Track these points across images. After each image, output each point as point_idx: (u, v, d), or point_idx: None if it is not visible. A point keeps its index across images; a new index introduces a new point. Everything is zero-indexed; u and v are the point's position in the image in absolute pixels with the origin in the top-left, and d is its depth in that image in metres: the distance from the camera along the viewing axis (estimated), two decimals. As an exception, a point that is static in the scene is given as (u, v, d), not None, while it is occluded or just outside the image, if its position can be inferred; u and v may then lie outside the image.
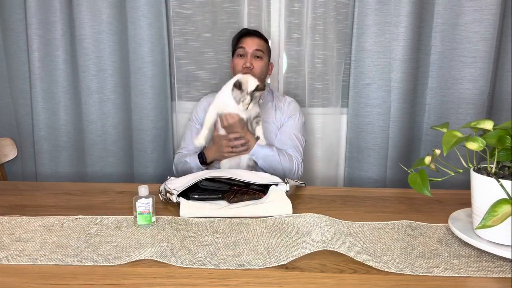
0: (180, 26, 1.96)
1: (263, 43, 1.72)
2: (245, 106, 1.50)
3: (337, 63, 1.94)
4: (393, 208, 1.28)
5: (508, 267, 0.91)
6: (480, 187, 0.97)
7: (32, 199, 1.35)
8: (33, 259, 0.94)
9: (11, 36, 1.92)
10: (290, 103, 1.77)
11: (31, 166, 2.03)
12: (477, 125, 0.99)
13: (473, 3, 1.74)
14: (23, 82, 1.96)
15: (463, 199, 1.20)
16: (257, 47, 1.69)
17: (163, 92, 1.96)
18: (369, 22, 1.81)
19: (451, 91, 1.85)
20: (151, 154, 2.00)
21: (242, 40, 1.71)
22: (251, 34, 1.71)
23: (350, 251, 0.96)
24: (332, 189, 1.61)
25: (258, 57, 1.69)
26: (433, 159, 1.03)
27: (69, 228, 1.11)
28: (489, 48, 1.77)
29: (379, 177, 1.94)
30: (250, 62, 1.67)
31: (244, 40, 1.70)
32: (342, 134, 2.02)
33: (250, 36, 1.71)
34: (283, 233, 1.07)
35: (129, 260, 0.93)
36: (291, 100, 1.80)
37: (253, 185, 1.33)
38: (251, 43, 1.69)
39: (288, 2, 1.92)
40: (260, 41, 1.71)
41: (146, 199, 1.10)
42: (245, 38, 1.70)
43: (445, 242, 1.03)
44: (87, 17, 1.85)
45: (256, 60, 1.68)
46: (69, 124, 1.96)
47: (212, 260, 0.94)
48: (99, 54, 1.89)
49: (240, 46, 1.70)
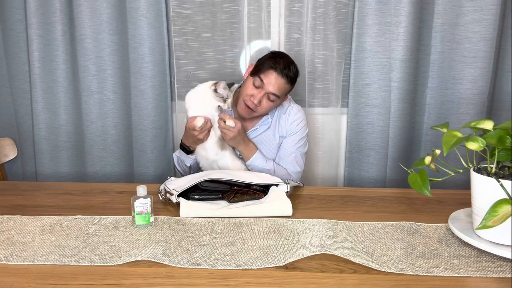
0: (180, 26, 1.96)
1: (287, 86, 1.53)
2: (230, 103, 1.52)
3: (337, 63, 1.94)
4: (393, 208, 1.28)
5: (508, 267, 0.90)
6: (480, 187, 0.97)
7: (32, 199, 1.35)
8: (31, 259, 0.94)
9: (11, 36, 1.92)
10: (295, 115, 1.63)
11: (31, 166, 2.03)
12: (477, 125, 0.99)
13: (473, 3, 1.74)
14: (23, 82, 1.96)
15: (463, 199, 1.20)
16: (276, 91, 1.50)
17: (163, 92, 1.96)
18: (369, 22, 1.81)
19: (451, 91, 1.85)
20: (151, 154, 1.99)
21: (268, 72, 1.49)
22: (280, 72, 1.49)
23: (350, 253, 0.96)
24: (332, 189, 1.61)
25: (271, 100, 1.53)
26: (433, 159, 1.03)
27: (68, 228, 1.11)
28: (489, 48, 1.76)
29: (379, 177, 1.94)
30: (260, 100, 1.50)
31: (269, 73, 1.49)
32: (342, 134, 2.02)
33: (278, 74, 1.49)
34: (281, 235, 1.07)
35: (127, 260, 0.93)
36: (297, 111, 1.64)
37: (253, 185, 1.33)
38: (273, 83, 1.49)
39: (288, 2, 1.91)
40: (285, 84, 1.51)
41: (144, 199, 1.10)
42: (272, 73, 1.49)
43: (445, 242, 1.03)
44: (87, 17, 1.84)
45: (267, 100, 1.52)
46: (69, 124, 1.96)
47: (210, 260, 0.94)
48: (99, 54, 1.89)
49: (262, 78, 1.50)
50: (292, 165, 1.61)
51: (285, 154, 1.62)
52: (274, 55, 1.55)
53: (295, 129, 1.62)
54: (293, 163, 1.61)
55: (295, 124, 1.62)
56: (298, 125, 1.63)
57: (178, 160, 1.67)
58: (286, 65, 1.51)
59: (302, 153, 1.64)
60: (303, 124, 1.64)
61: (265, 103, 1.52)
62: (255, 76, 1.51)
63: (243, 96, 1.53)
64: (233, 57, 1.98)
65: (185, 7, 1.94)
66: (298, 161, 1.63)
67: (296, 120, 1.63)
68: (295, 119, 1.63)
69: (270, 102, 1.53)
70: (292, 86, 1.56)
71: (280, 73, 1.49)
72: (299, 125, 1.63)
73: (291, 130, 1.62)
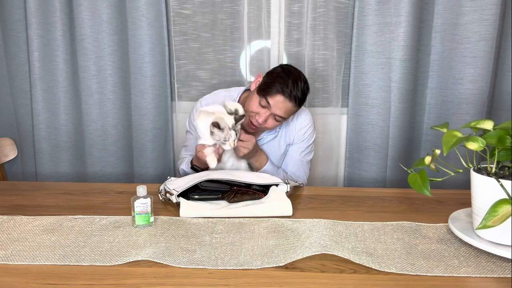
0: (180, 26, 1.96)
1: (294, 109, 1.46)
2: (232, 143, 1.35)
3: (337, 63, 1.94)
4: (393, 208, 1.27)
5: (508, 267, 0.90)
6: (480, 187, 0.97)
7: (32, 199, 1.35)
8: (31, 259, 0.94)
9: (11, 36, 1.92)
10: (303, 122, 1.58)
11: (31, 166, 2.03)
12: (477, 125, 0.99)
13: (473, 3, 1.74)
14: (23, 82, 1.96)
15: (463, 199, 1.20)
16: (283, 114, 1.43)
17: (163, 92, 1.96)
18: (369, 22, 1.81)
19: (451, 91, 1.85)
20: (151, 154, 2.00)
21: (276, 96, 1.40)
22: (288, 96, 1.40)
23: (350, 253, 0.96)
24: (332, 189, 1.61)
25: (277, 120, 1.46)
26: (433, 159, 1.03)
27: (68, 228, 1.10)
28: (489, 48, 1.76)
29: (379, 177, 1.94)
30: (265, 120, 1.44)
31: (277, 97, 1.40)
32: (342, 134, 2.02)
33: (286, 98, 1.40)
34: (281, 236, 1.07)
35: (127, 260, 0.93)
36: (305, 116, 1.59)
37: (253, 185, 1.33)
38: (281, 107, 1.41)
39: (288, 2, 1.91)
40: (293, 108, 1.44)
41: (144, 199, 1.10)
42: (280, 97, 1.40)
43: (445, 242, 1.03)
44: (87, 17, 1.84)
45: (273, 120, 1.46)
46: (69, 124, 1.96)
47: (210, 260, 0.94)
48: (99, 54, 1.89)
49: (269, 100, 1.41)
50: (297, 173, 1.60)
51: (291, 162, 1.60)
52: (283, 72, 1.44)
53: (302, 137, 1.59)
54: (299, 171, 1.60)
55: (303, 132, 1.58)
56: (305, 133, 1.59)
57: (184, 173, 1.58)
58: (294, 85, 1.41)
59: (307, 160, 1.63)
60: (310, 130, 1.60)
61: (270, 122, 1.46)
62: (262, 97, 1.43)
63: (249, 112, 1.46)
64: (233, 57, 1.98)
65: (185, 7, 1.94)
66: (304, 168, 1.62)
67: (304, 127, 1.58)
68: (303, 126, 1.58)
69: (276, 122, 1.47)
70: (301, 106, 1.48)
71: (288, 97, 1.40)
72: (307, 133, 1.59)
73: (298, 138, 1.59)
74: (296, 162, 1.60)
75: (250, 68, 1.97)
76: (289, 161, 1.61)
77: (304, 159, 1.61)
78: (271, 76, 1.45)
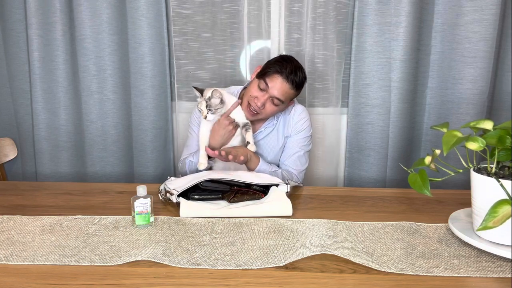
0: (180, 26, 1.96)
1: (292, 92, 1.50)
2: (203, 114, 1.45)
3: (337, 63, 1.94)
4: (393, 208, 1.28)
5: (508, 267, 0.90)
6: (480, 187, 0.97)
7: (32, 199, 1.35)
8: (31, 259, 0.94)
9: (11, 36, 1.92)
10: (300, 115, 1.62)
11: (31, 166, 2.03)
12: (477, 125, 0.99)
13: (473, 3, 1.74)
14: (23, 82, 1.96)
15: (463, 199, 1.20)
16: (280, 95, 1.48)
17: (163, 92, 1.96)
18: (369, 22, 1.81)
19: (451, 91, 1.85)
20: (151, 154, 1.99)
21: (274, 76, 1.47)
22: (286, 77, 1.47)
23: (350, 253, 0.96)
24: (332, 189, 1.61)
25: (275, 104, 1.51)
26: (433, 159, 1.03)
27: (67, 228, 1.11)
28: (489, 48, 1.76)
29: (379, 177, 1.94)
30: (263, 103, 1.49)
31: (274, 78, 1.47)
32: (342, 134, 2.02)
33: (284, 79, 1.47)
34: (281, 236, 1.07)
35: (127, 260, 0.93)
36: (302, 111, 1.64)
37: (253, 186, 1.33)
38: (278, 88, 1.47)
39: (288, 2, 1.91)
40: (290, 90, 1.49)
41: (144, 199, 1.10)
42: (278, 77, 1.47)
43: (445, 242, 1.03)
44: (87, 17, 1.84)
45: (271, 104, 1.50)
46: (69, 124, 1.96)
47: (210, 260, 0.94)
48: (99, 54, 1.89)
49: (267, 81, 1.48)
50: (295, 164, 1.62)
51: (289, 153, 1.63)
52: (282, 59, 1.52)
53: (300, 128, 1.62)
54: (296, 162, 1.62)
55: (300, 123, 1.62)
56: (303, 125, 1.63)
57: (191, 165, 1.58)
58: (292, 70, 1.48)
59: (305, 151, 1.65)
60: (308, 123, 1.64)
61: (269, 106, 1.51)
62: (261, 79, 1.50)
63: (248, 96, 1.53)
64: (233, 57, 1.98)
65: (185, 7, 1.94)
66: (301, 159, 1.63)
67: (301, 119, 1.62)
68: (300, 119, 1.62)
69: (274, 106, 1.51)
70: (298, 92, 1.53)
71: (286, 78, 1.47)
72: (304, 125, 1.63)
73: (296, 129, 1.62)
74: (294, 153, 1.62)
75: (250, 68, 1.97)
76: (287, 152, 1.63)
77: (302, 149, 1.64)
78: (271, 61, 1.54)
